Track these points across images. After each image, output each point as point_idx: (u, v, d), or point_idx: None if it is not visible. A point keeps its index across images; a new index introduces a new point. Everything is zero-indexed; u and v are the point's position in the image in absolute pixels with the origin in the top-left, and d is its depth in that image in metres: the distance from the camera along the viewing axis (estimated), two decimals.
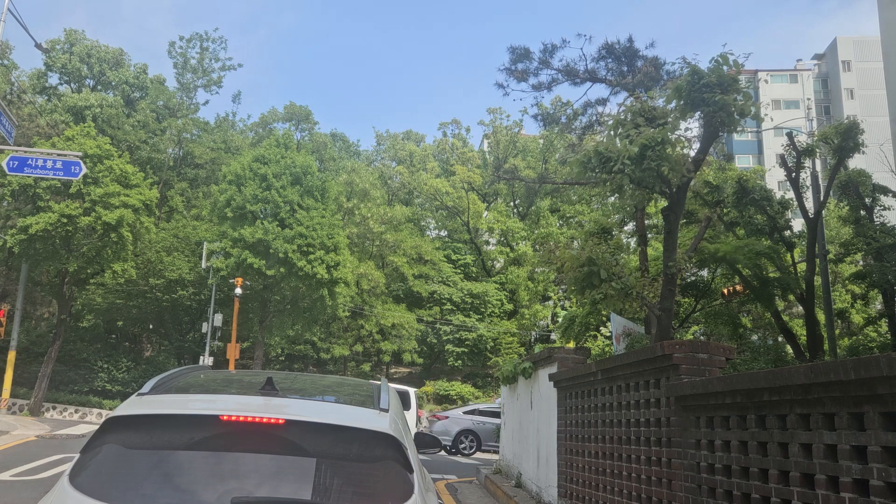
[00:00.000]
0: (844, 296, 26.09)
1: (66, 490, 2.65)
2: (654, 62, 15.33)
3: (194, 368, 4.26)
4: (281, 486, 2.68)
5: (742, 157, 62.76)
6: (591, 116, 17.79)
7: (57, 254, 27.01)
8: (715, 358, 5.35)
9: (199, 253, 35.39)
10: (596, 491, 7.25)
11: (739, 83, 8.53)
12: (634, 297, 9.48)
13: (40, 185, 25.49)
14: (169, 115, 44.25)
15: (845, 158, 15.63)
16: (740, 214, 16.99)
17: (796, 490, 3.73)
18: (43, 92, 42.33)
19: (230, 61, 55.49)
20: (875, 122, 39.10)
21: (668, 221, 9.32)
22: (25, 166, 17.38)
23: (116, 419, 2.91)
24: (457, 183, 46.65)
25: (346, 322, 39.60)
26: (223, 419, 2.84)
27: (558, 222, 45.39)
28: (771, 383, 3.87)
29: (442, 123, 59.33)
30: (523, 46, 16.64)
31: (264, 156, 33.26)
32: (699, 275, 18.08)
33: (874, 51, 53.14)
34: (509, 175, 31.16)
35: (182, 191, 43.69)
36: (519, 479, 11.07)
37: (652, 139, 8.22)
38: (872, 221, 16.89)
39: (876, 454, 3.14)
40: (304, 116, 55.05)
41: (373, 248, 42.68)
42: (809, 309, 15.70)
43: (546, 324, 42.85)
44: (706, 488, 4.83)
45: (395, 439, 2.94)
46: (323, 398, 3.51)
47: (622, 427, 6.54)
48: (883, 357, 3.01)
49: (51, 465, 11.36)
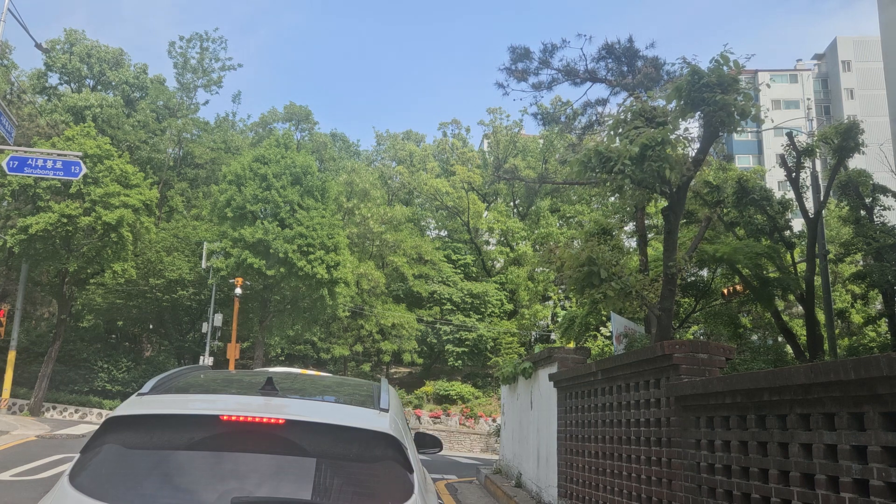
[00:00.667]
0: (844, 296, 26.09)
1: (66, 490, 2.65)
2: (654, 62, 15.33)
3: (194, 368, 4.26)
4: (281, 486, 2.68)
5: (742, 157, 62.76)
6: (591, 116, 17.79)
7: (57, 254, 27.02)
8: (715, 358, 5.35)
9: (199, 253, 35.39)
10: (596, 491, 7.25)
11: (740, 83, 8.52)
12: (634, 297, 9.48)
13: (40, 185, 25.50)
14: (169, 115, 44.25)
15: (845, 158, 15.63)
16: (740, 214, 17.00)
17: (796, 490, 3.73)
18: (43, 92, 42.34)
19: (230, 61, 55.59)
20: (875, 122, 39.10)
21: (669, 221, 9.32)
22: (25, 166, 17.38)
23: (116, 419, 2.91)
24: (457, 183, 46.66)
25: (346, 322, 39.59)
26: (223, 419, 2.84)
27: (558, 222, 45.38)
28: (771, 383, 3.87)
29: (442, 123, 59.37)
30: (523, 46, 16.65)
31: (264, 156, 33.27)
32: (699, 275, 18.09)
33: (874, 51, 53.15)
34: (509, 175, 31.17)
35: (182, 191, 43.70)
36: (519, 479, 11.07)
37: (652, 139, 8.22)
38: (872, 221, 16.89)
39: (876, 454, 3.14)
40: (304, 116, 55.07)
41: (373, 248, 42.68)
42: (809, 309, 15.71)
43: (546, 324, 42.85)
44: (706, 488, 4.83)
45: (395, 439, 2.95)
46: (323, 398, 3.51)
47: (622, 427, 6.54)
48: (883, 357, 3.01)
49: (51, 465, 11.37)
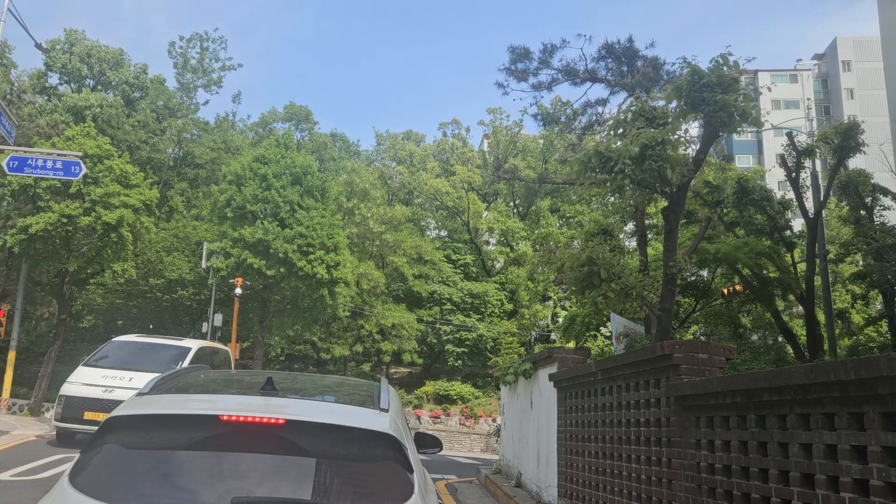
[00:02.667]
0: (844, 296, 26.10)
1: (66, 490, 2.65)
2: (653, 62, 15.33)
3: (194, 368, 4.26)
4: (281, 485, 2.68)
5: (742, 157, 62.80)
6: (591, 116, 17.81)
7: (57, 254, 27.02)
8: (715, 358, 5.35)
9: (199, 253, 35.40)
10: (596, 491, 7.25)
11: (740, 83, 8.52)
12: (634, 297, 9.48)
13: (40, 185, 25.49)
14: (169, 115, 44.26)
15: (845, 158, 15.64)
16: (740, 214, 17.00)
17: (796, 490, 3.73)
18: (43, 92, 42.34)
19: (230, 61, 55.66)
20: (875, 122, 39.07)
21: (669, 221, 9.31)
22: (25, 166, 17.37)
23: (116, 419, 2.91)
24: (457, 183, 46.66)
25: (346, 322, 39.59)
26: (223, 419, 2.84)
27: (558, 222, 45.40)
28: (771, 383, 3.87)
29: (442, 123, 59.41)
30: (523, 46, 16.66)
31: (264, 156, 33.27)
32: (699, 275, 18.10)
33: (874, 51, 53.14)
34: (509, 175, 31.16)
35: (182, 191, 43.70)
36: (519, 479, 11.07)
37: (652, 139, 8.22)
38: (872, 221, 16.90)
39: (876, 454, 3.14)
40: (304, 116, 55.09)
41: (373, 248, 42.67)
42: (809, 309, 15.71)
43: (546, 324, 42.84)
44: (706, 488, 4.83)
45: (395, 439, 2.95)
46: (323, 398, 3.51)
47: (622, 427, 6.54)
48: (883, 357, 3.01)
49: (51, 465, 11.35)
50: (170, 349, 14.14)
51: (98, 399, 12.43)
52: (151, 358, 13.55)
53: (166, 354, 13.84)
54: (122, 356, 13.76)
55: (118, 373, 12.95)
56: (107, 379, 12.84)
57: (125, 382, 12.63)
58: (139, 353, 13.90)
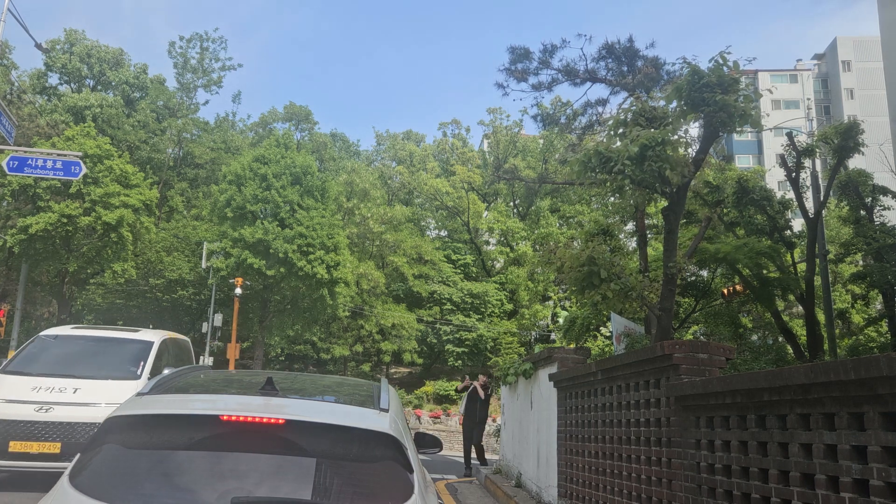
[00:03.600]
0: (844, 296, 26.11)
1: (66, 490, 2.65)
2: (654, 62, 15.33)
3: (194, 368, 4.27)
4: (281, 485, 2.68)
5: (742, 157, 62.81)
6: (591, 116, 17.80)
7: (57, 254, 27.03)
8: (715, 358, 5.35)
9: (199, 253, 35.41)
10: (596, 491, 7.25)
11: (740, 84, 8.52)
12: (634, 297, 9.48)
13: (40, 185, 25.52)
14: (169, 115, 44.28)
15: (845, 158, 15.64)
16: (740, 214, 17.00)
17: (796, 490, 3.73)
18: (43, 92, 42.36)
19: (230, 61, 55.71)
20: (875, 122, 39.07)
21: (669, 221, 9.31)
22: (25, 166, 17.38)
23: (116, 419, 2.91)
24: (457, 183, 46.68)
25: (346, 322, 39.60)
26: (223, 419, 2.84)
27: (558, 222, 45.42)
28: (771, 383, 3.87)
29: (442, 123, 59.44)
30: (523, 46, 16.65)
31: (264, 156, 33.29)
32: (699, 275, 18.09)
33: (874, 51, 53.12)
34: (509, 175, 31.15)
35: (182, 191, 43.72)
36: (519, 479, 11.07)
37: (652, 139, 8.22)
38: (872, 221, 16.90)
39: (876, 454, 3.14)
40: (304, 116, 55.11)
41: (373, 248, 42.69)
42: (809, 309, 15.71)
43: (546, 324, 42.85)
44: (706, 488, 4.83)
45: (395, 439, 2.95)
46: (323, 398, 3.52)
47: (622, 427, 6.54)
48: (883, 357, 3.01)
49: None
50: (125, 345, 10.44)
51: (29, 422, 8.45)
52: (102, 358, 9.98)
53: (122, 352, 10.24)
54: (60, 357, 9.89)
55: (57, 381, 9.07)
56: (40, 392, 8.87)
57: (68, 396, 8.87)
58: (84, 352, 10.09)
